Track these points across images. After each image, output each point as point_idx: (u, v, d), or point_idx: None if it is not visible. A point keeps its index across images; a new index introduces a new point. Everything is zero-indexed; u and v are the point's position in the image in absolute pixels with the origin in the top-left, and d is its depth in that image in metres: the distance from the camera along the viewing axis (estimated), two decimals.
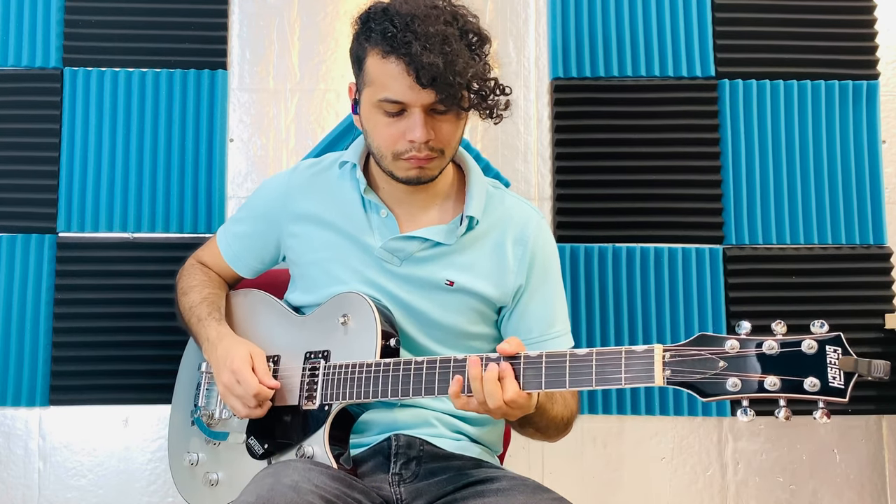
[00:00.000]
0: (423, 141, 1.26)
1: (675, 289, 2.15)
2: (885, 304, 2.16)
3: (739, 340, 1.03)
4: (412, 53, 1.20)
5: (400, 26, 1.22)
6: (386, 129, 1.29)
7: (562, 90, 2.21)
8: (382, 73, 1.26)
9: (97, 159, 2.14)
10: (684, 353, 1.05)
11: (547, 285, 1.42)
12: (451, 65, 1.20)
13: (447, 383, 1.19)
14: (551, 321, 1.42)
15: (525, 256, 1.40)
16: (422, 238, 1.38)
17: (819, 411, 1.00)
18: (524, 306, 1.41)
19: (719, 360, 1.03)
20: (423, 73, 1.20)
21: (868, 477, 2.16)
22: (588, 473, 2.13)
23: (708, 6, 2.22)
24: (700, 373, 1.04)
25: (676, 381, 1.05)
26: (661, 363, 1.06)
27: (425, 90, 1.22)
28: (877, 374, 0.97)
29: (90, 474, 2.10)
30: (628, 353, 1.08)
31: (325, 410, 1.29)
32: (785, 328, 1.02)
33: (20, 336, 2.09)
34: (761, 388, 1.00)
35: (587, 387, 1.10)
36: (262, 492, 1.11)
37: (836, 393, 0.98)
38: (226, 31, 2.21)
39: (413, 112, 1.26)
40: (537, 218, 1.45)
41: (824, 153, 2.20)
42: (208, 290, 1.50)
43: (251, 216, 1.53)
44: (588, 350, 1.12)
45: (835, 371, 0.99)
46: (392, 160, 1.31)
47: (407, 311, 1.38)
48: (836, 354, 0.99)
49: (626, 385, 1.08)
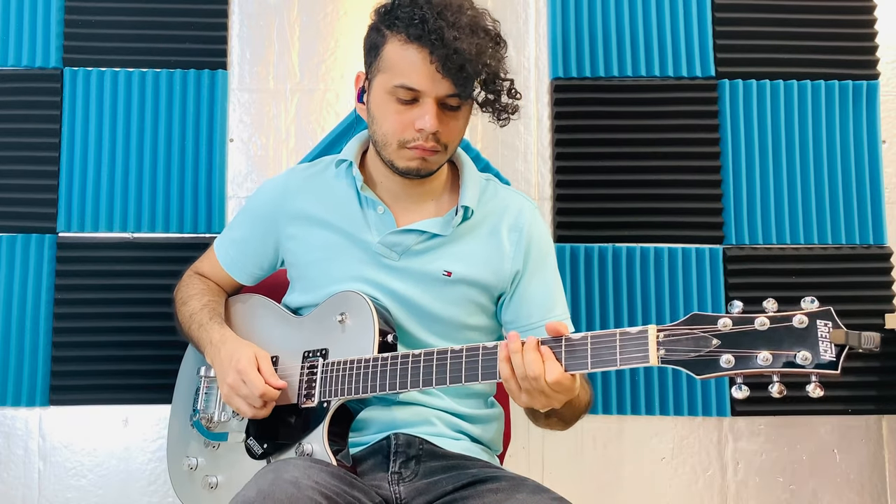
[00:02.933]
0: (432, 131, 1.28)
1: (675, 289, 2.15)
2: (885, 304, 2.16)
3: (732, 318, 1.04)
4: (445, 40, 1.22)
5: (431, 15, 1.24)
6: (396, 116, 1.30)
7: (562, 90, 2.21)
8: (402, 60, 1.27)
9: (97, 159, 2.14)
10: (678, 332, 1.06)
11: (545, 270, 1.44)
12: (481, 55, 1.23)
13: (444, 374, 1.21)
14: (551, 305, 1.43)
15: (521, 242, 1.42)
16: (419, 231, 1.39)
17: (812, 384, 1.01)
18: (523, 291, 1.42)
19: (712, 338, 1.04)
20: (453, 60, 1.22)
21: (868, 477, 2.16)
22: (588, 473, 2.13)
23: (708, 6, 2.22)
24: (694, 351, 1.05)
25: (671, 360, 1.06)
26: (654, 343, 1.07)
27: (443, 80, 1.25)
28: (867, 346, 0.98)
29: (90, 474, 2.10)
30: (623, 334, 1.10)
31: (324, 407, 1.29)
32: (776, 305, 1.04)
33: (20, 336, 2.09)
34: (754, 363, 1.02)
35: (583, 370, 1.12)
36: (263, 486, 1.11)
37: (828, 366, 0.99)
38: (226, 31, 2.21)
39: (426, 102, 1.28)
40: (530, 206, 1.47)
41: (824, 153, 2.20)
42: (208, 298, 1.51)
43: (248, 221, 1.53)
44: (583, 334, 1.13)
45: (826, 344, 1.00)
46: (396, 148, 1.32)
47: (406, 306, 1.38)
48: (827, 328, 1.01)
49: (622, 366, 1.09)
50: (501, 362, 1.15)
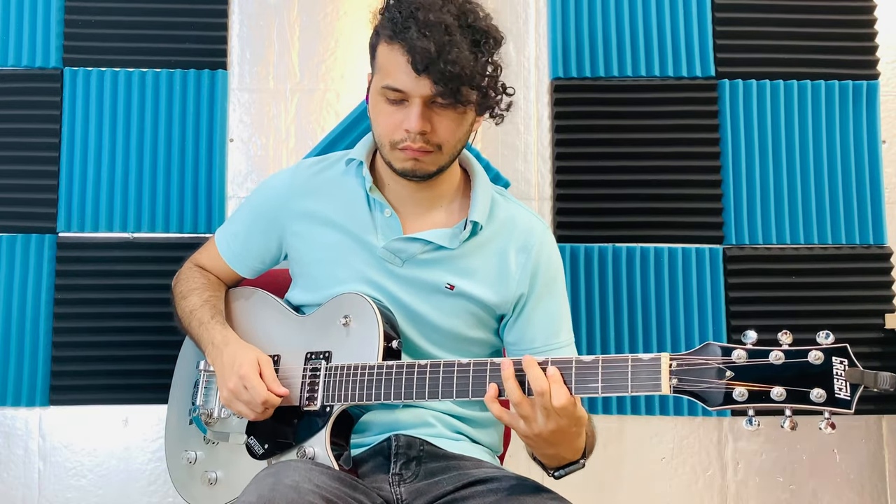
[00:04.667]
0: (416, 131, 1.26)
1: (676, 289, 2.15)
2: (885, 304, 2.16)
3: (746, 350, 1.03)
4: (408, 38, 1.22)
5: (405, 14, 1.24)
6: (386, 117, 1.30)
7: (562, 90, 2.21)
8: (388, 61, 1.27)
9: (97, 159, 2.14)
10: (691, 361, 1.05)
11: (552, 294, 1.42)
12: (443, 52, 1.20)
13: (451, 388, 1.20)
14: (556, 331, 1.41)
15: (528, 265, 1.39)
16: (425, 241, 1.37)
17: (824, 422, 1.00)
18: (528, 315, 1.40)
19: (726, 369, 1.03)
20: (418, 58, 1.21)
21: (868, 477, 2.16)
22: (588, 473, 2.12)
23: (708, 6, 2.22)
24: (706, 382, 1.04)
25: (683, 390, 1.05)
26: (667, 371, 1.06)
27: (422, 79, 1.23)
28: (882, 387, 0.97)
29: (90, 474, 2.10)
30: (635, 360, 1.08)
31: (327, 412, 1.29)
32: (791, 338, 1.02)
33: (20, 336, 2.09)
34: (768, 398, 1.00)
35: (593, 394, 1.10)
36: (264, 491, 1.10)
37: (842, 404, 0.98)
38: (226, 31, 2.20)
39: (413, 102, 1.26)
40: (542, 228, 1.44)
41: (824, 153, 2.20)
42: (209, 293, 1.49)
43: (252, 215, 1.52)
44: (594, 357, 1.11)
45: (841, 382, 0.99)
46: (390, 149, 1.32)
47: (406, 313, 1.38)
48: (843, 366, 0.99)
49: (633, 393, 1.08)
50: (507, 381, 1.14)
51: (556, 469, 1.23)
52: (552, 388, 1.10)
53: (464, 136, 1.34)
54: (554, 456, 1.20)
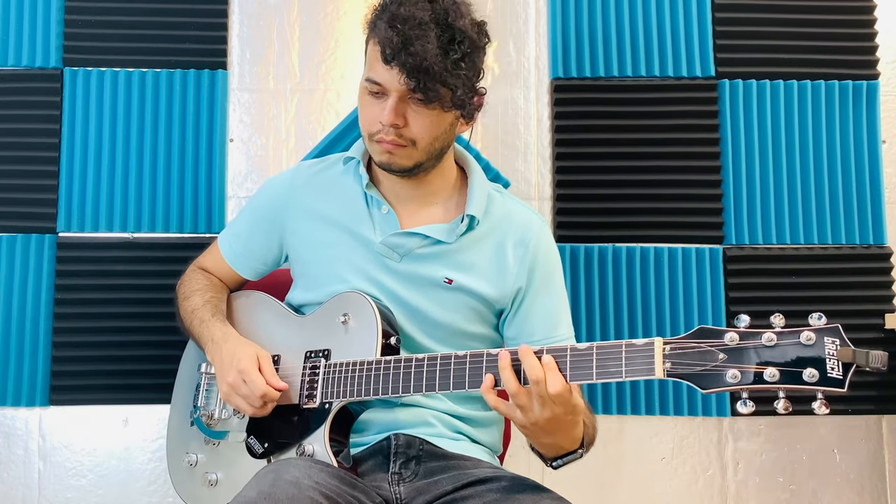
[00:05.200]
0: (388, 123, 1.29)
1: (675, 289, 2.15)
2: (885, 304, 2.16)
3: (739, 333, 1.04)
4: (379, 30, 1.26)
5: (381, 8, 1.29)
6: (367, 109, 1.33)
7: (562, 90, 2.21)
8: (370, 55, 1.31)
9: (97, 159, 2.14)
10: (684, 345, 1.06)
11: (550, 288, 1.42)
12: (408, 44, 1.22)
13: (447, 380, 1.20)
14: (555, 324, 1.42)
15: (526, 258, 1.40)
16: (422, 235, 1.38)
17: (818, 402, 1.00)
18: (527, 308, 1.41)
19: (719, 352, 1.04)
20: (386, 49, 1.24)
21: (868, 477, 2.16)
22: (588, 473, 2.13)
23: (708, 6, 2.23)
24: (700, 365, 1.04)
25: (676, 374, 1.05)
26: (661, 356, 1.06)
27: (394, 72, 1.25)
28: (874, 365, 0.98)
29: (90, 474, 2.10)
30: (628, 346, 1.09)
31: (326, 409, 1.29)
32: (783, 321, 1.03)
33: (20, 336, 2.09)
34: (760, 379, 1.01)
35: (588, 380, 1.11)
36: (264, 487, 1.10)
37: (835, 383, 0.99)
38: (226, 31, 2.21)
39: (390, 96, 1.29)
40: (539, 222, 1.45)
41: (824, 153, 2.20)
42: (210, 294, 1.50)
43: (253, 216, 1.53)
44: (588, 344, 1.12)
45: (833, 362, 1.00)
46: (369, 141, 1.35)
47: (405, 309, 1.38)
48: (835, 346, 1.00)
49: (627, 378, 1.08)
50: (503, 371, 1.14)
51: (555, 459, 1.22)
52: (547, 376, 1.10)
53: (443, 135, 1.34)
54: (552, 445, 1.19)
